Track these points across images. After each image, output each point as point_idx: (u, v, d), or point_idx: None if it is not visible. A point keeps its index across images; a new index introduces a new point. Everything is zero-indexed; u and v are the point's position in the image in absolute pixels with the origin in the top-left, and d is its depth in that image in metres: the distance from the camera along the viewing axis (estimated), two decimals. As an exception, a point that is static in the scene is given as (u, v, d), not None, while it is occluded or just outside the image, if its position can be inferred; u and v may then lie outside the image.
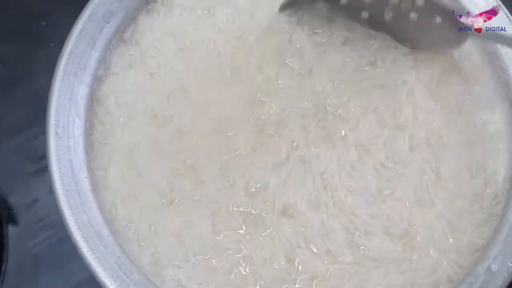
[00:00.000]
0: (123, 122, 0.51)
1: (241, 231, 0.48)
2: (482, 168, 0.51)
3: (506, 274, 0.45)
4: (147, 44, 0.53)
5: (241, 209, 0.48)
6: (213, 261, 0.47)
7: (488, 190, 0.50)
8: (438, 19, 0.50)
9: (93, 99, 0.50)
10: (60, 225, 0.48)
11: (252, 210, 0.48)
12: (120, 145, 0.50)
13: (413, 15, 0.50)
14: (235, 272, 0.47)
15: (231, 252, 0.48)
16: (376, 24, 0.53)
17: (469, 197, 0.50)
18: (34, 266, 0.56)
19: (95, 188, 0.48)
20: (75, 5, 0.51)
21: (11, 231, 0.57)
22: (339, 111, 0.51)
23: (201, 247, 0.48)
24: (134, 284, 0.44)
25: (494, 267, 0.45)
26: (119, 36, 0.53)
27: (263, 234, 0.48)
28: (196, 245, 0.48)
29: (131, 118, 0.51)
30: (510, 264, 0.45)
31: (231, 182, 0.49)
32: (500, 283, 0.45)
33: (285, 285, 0.47)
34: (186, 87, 0.52)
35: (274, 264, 0.47)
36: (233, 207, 0.48)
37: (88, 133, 0.49)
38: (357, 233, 0.48)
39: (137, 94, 0.52)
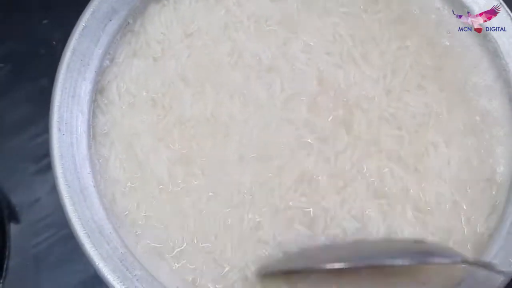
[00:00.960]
0: (124, 110, 0.51)
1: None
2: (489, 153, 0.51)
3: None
4: (154, 29, 0.53)
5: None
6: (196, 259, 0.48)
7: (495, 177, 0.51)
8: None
9: (96, 90, 0.50)
10: (61, 223, 0.48)
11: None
12: (120, 135, 0.50)
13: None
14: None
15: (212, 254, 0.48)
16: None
17: (481, 183, 0.50)
18: (35, 264, 0.56)
19: (96, 179, 0.48)
20: (77, 3, 0.51)
21: (13, 229, 0.57)
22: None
23: (187, 241, 0.48)
24: (137, 279, 0.44)
25: (495, 263, 0.45)
26: (124, 31, 0.53)
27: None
28: (181, 238, 0.48)
29: (132, 106, 0.51)
30: (511, 261, 0.46)
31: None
32: (501, 279, 0.45)
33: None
34: (186, 76, 0.52)
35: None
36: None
37: (91, 126, 0.49)
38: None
39: (139, 81, 0.52)
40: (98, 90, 0.51)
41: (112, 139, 0.50)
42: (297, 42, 0.53)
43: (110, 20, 0.51)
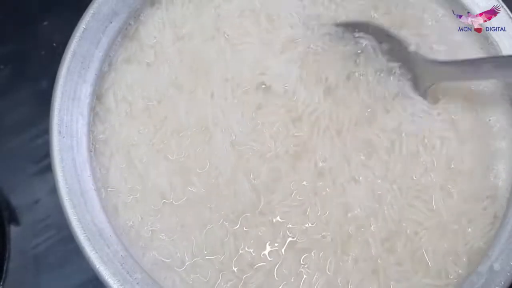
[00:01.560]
0: (121, 120, 0.51)
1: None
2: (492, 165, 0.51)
3: (508, 274, 0.45)
4: (147, 33, 0.53)
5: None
6: (204, 269, 0.48)
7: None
8: None
9: (94, 96, 0.50)
10: (61, 225, 0.48)
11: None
12: (119, 145, 0.50)
13: None
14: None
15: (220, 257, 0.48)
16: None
17: (482, 198, 0.50)
18: (35, 266, 0.56)
19: (98, 188, 0.48)
20: (77, 5, 0.51)
21: (13, 231, 0.57)
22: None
23: (194, 252, 0.48)
24: (137, 283, 0.44)
25: (497, 266, 0.45)
26: (124, 33, 0.52)
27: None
28: (189, 249, 0.48)
29: (129, 116, 0.51)
30: (513, 264, 0.45)
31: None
32: (502, 282, 0.45)
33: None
34: (179, 82, 0.52)
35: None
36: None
37: (91, 131, 0.49)
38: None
39: (134, 89, 0.52)
40: (96, 96, 0.51)
41: (111, 149, 0.50)
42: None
43: (111, 23, 0.50)
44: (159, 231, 0.48)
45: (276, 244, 0.48)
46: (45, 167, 0.58)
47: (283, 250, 0.48)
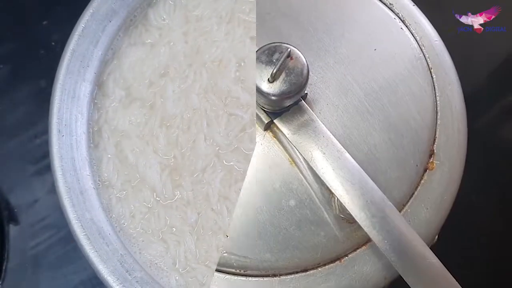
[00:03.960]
0: (116, 107, 0.50)
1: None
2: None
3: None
4: (155, 14, 0.53)
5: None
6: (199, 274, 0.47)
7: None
8: None
9: (97, 85, 0.50)
10: (60, 225, 0.49)
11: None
12: (111, 133, 0.50)
13: None
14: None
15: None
16: None
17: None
18: (34, 265, 0.56)
19: (95, 181, 0.48)
20: (76, 4, 0.51)
21: (12, 230, 0.57)
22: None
23: (185, 255, 0.47)
24: (137, 282, 0.44)
25: None
26: (128, 24, 0.52)
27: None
28: (181, 252, 0.47)
29: (123, 104, 0.51)
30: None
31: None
32: None
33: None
34: (172, 69, 0.51)
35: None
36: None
37: (90, 127, 0.49)
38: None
39: (135, 71, 0.51)
40: (98, 85, 0.50)
41: (104, 138, 0.50)
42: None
43: (110, 21, 0.50)
44: (149, 231, 0.48)
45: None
46: (44, 167, 0.58)
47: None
